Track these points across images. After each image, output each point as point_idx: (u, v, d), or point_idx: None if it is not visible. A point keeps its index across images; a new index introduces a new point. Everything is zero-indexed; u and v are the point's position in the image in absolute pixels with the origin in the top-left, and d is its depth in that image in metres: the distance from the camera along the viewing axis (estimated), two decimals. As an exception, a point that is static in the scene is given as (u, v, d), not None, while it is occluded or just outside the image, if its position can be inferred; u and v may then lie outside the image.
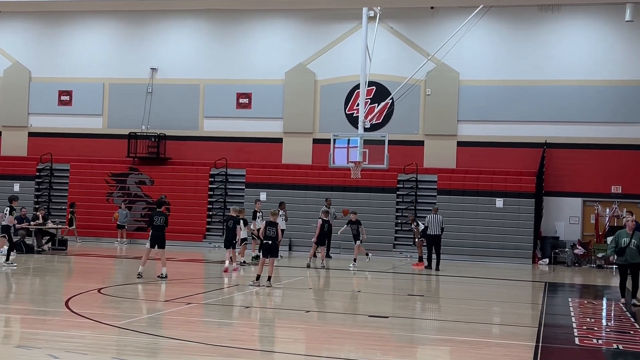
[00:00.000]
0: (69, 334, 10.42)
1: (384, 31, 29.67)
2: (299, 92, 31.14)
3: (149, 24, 32.72)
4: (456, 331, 12.15)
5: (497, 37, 30.05)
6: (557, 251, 28.03)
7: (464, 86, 29.87)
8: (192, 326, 11.73)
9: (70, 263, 22.14)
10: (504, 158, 29.30)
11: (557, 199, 28.90)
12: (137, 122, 32.32)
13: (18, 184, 31.93)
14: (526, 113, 29.27)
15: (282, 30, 31.82)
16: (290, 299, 15.89)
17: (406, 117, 30.06)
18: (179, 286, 16.90)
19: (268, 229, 16.47)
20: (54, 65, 33.40)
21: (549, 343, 11.11)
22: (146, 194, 31.31)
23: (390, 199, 29.34)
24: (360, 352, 10.28)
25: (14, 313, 12.66)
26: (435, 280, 20.97)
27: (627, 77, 28.58)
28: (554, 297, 17.76)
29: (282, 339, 11.15)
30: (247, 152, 31.38)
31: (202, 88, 32.18)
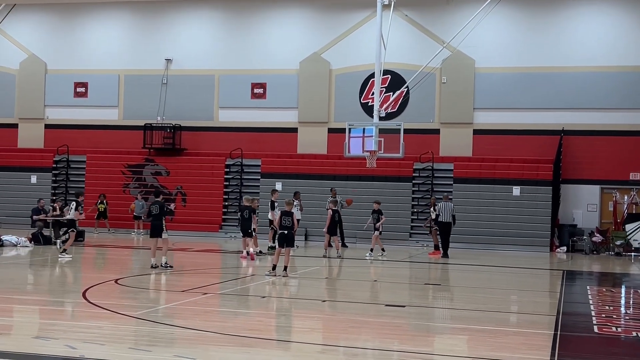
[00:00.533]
0: (87, 324, 10.46)
1: (399, 19, 29.49)
2: (313, 81, 31.06)
3: (164, 15, 32.72)
4: (473, 320, 12.08)
5: (512, 23, 29.81)
6: (574, 239, 27.85)
7: (480, 74, 29.67)
8: (209, 316, 11.73)
9: (88, 254, 22.23)
10: (520, 145, 29.11)
11: (575, 186, 28.69)
12: (153, 113, 32.37)
13: (35, 175, 32.12)
14: (543, 100, 29.05)
15: (297, 19, 31.72)
16: (307, 289, 15.87)
17: (422, 106, 29.92)
18: (196, 276, 16.92)
19: (283, 219, 16.48)
20: (69, 57, 33.50)
21: (568, 331, 11.02)
22: (162, 184, 31.36)
23: (406, 188, 29.25)
24: (377, 341, 10.24)
25: (32, 304, 12.72)
26: (452, 269, 20.90)
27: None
28: (572, 285, 17.64)
29: (298, 329, 11.13)
30: (262, 142, 31.36)
31: (217, 78, 32.17)
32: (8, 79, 34.14)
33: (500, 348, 9.81)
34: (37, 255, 20.45)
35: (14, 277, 16.48)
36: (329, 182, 29.24)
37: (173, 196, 31.14)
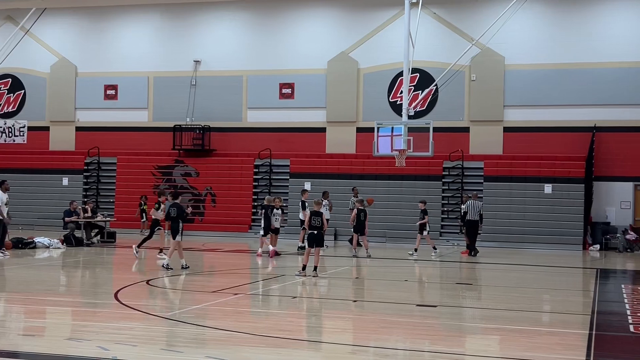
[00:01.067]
0: (119, 325, 10.50)
1: (427, 17, 29.32)
2: (341, 80, 31.00)
3: (192, 17, 32.86)
4: (507, 319, 11.95)
5: (542, 19, 29.50)
6: (608, 237, 27.48)
7: (510, 70, 29.41)
8: (240, 317, 11.73)
9: (119, 255, 22.37)
10: (552, 143, 28.80)
11: (608, 183, 28.32)
12: (182, 114, 32.53)
13: (67, 178, 32.43)
14: (574, 96, 28.71)
15: (324, 19, 31.69)
16: (337, 289, 15.83)
17: (451, 104, 29.71)
18: (226, 277, 16.95)
19: (313, 219, 16.50)
20: (99, 60, 33.78)
21: (603, 331, 10.86)
22: (192, 185, 31.52)
23: (436, 187, 29.07)
24: (408, 342, 10.17)
25: (65, 305, 12.80)
26: (484, 268, 20.72)
27: (679, 58, 27.85)
28: (606, 284, 17.39)
29: (329, 329, 11.09)
30: (290, 142, 31.36)
31: (245, 79, 32.23)
32: (39, 82, 34.51)
33: (534, 348, 9.68)
34: (69, 257, 20.63)
35: (47, 279, 16.63)
36: (357, 181, 29.16)
37: (203, 197, 31.29)
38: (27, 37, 33.31)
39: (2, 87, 34.98)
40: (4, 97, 35.00)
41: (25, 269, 18.09)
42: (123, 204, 31.56)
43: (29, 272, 17.75)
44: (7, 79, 34.80)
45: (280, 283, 16.05)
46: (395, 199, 28.94)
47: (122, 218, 29.80)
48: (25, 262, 19.29)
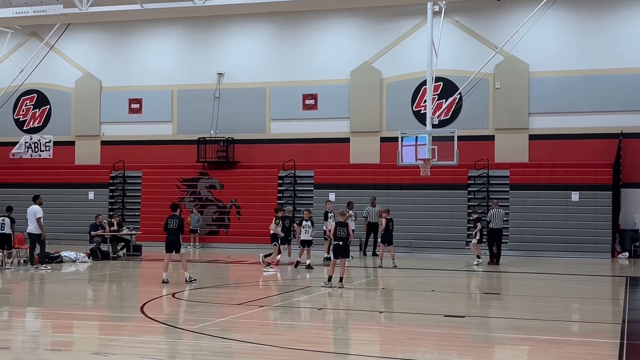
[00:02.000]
0: (145, 339, 10.49)
1: (450, 25, 29.20)
2: (364, 90, 30.95)
3: (214, 30, 33.01)
4: (535, 329, 11.78)
5: (566, 25, 29.26)
6: (637, 244, 27.10)
7: (535, 78, 29.18)
8: (266, 329, 11.68)
9: (145, 268, 22.44)
10: (578, 150, 28.50)
11: (636, 190, 27.94)
12: (206, 127, 32.65)
13: (92, 192, 32.64)
14: (600, 103, 28.41)
15: (346, 29, 31.68)
16: (363, 300, 15.73)
17: (475, 112, 29.53)
18: (252, 289, 16.92)
19: (338, 230, 16.45)
20: (123, 74, 34.04)
21: (634, 340, 10.67)
22: (217, 198, 31.59)
23: (461, 196, 28.87)
24: (436, 353, 10.05)
25: (91, 319, 12.84)
26: (511, 278, 20.51)
27: None
28: (637, 292, 17.13)
29: (356, 341, 10.99)
30: (314, 153, 31.34)
31: (268, 91, 32.29)
32: (64, 97, 34.83)
33: (564, 358, 9.53)
34: (95, 271, 20.72)
35: (73, 293, 16.70)
36: (382, 191, 29.07)
37: (227, 209, 31.33)
38: (52, 52, 33.64)
39: (27, 102, 35.33)
40: (29, 112, 35.35)
41: (52, 284, 18.18)
42: (148, 217, 31.67)
43: (56, 286, 17.84)
44: (33, 94, 35.15)
45: (306, 295, 15.98)
46: (421, 208, 28.77)
47: (147, 231, 29.89)
48: (52, 276, 19.39)
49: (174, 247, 17.29)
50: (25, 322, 12.29)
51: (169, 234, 17.33)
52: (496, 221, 22.84)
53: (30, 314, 13.17)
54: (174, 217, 17.48)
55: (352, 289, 16.74)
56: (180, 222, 17.43)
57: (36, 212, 20.51)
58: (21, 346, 10.33)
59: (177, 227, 17.31)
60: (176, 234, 17.30)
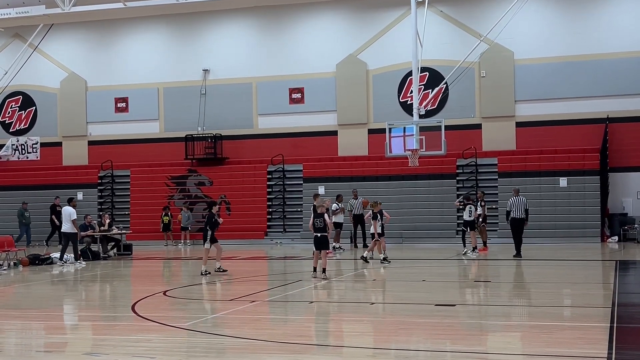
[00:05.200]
0: (136, 338, 10.48)
1: (434, 15, 29.23)
2: (351, 83, 30.96)
3: (198, 26, 32.92)
4: (526, 316, 11.84)
5: (550, 12, 29.34)
6: (626, 228, 27.27)
7: (520, 65, 29.26)
8: (258, 324, 11.68)
9: (136, 267, 22.41)
10: (565, 136, 28.62)
11: (623, 174, 28.11)
12: (193, 124, 32.58)
13: (81, 192, 32.54)
14: (586, 88, 28.53)
15: (331, 22, 31.66)
16: (355, 292, 15.76)
17: (462, 101, 29.60)
18: (243, 284, 16.92)
19: (316, 221, 16.76)
20: (108, 74, 33.92)
21: (624, 323, 10.73)
22: (206, 194, 31.55)
23: (450, 185, 28.96)
24: (428, 342, 10.08)
25: (82, 320, 12.81)
26: (501, 265, 20.58)
27: (690, 44, 27.62)
28: (626, 276, 17.22)
29: (349, 333, 11.01)
30: (302, 147, 31.34)
31: (254, 86, 32.25)
32: (50, 98, 34.68)
33: (556, 344, 9.58)
34: (86, 271, 20.67)
35: (64, 294, 16.66)
36: (371, 183, 29.13)
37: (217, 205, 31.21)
38: (35, 53, 33.50)
39: (13, 104, 35.18)
40: (15, 114, 35.20)
41: (43, 285, 18.12)
42: (138, 215, 31.64)
43: (47, 288, 17.79)
44: (18, 96, 35.00)
45: (297, 288, 15.99)
46: (410, 199, 28.86)
47: (137, 230, 29.87)
48: (42, 278, 19.33)
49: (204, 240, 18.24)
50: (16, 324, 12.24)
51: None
52: (519, 210, 21.35)
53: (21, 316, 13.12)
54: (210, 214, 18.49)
55: (343, 281, 16.76)
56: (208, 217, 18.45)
57: (71, 213, 21.91)
58: (14, 348, 10.30)
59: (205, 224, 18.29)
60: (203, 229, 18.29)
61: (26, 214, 30.21)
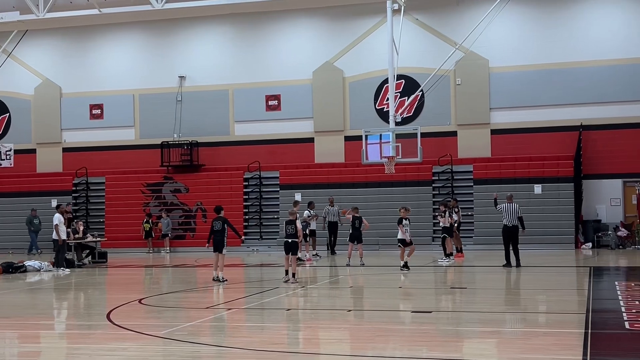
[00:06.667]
0: (111, 346, 10.40)
1: (410, 23, 29.36)
2: (327, 90, 31.01)
3: (174, 33, 32.82)
4: (503, 322, 11.91)
5: (524, 21, 29.61)
6: (599, 234, 27.54)
7: (495, 73, 29.49)
8: (234, 332, 11.65)
9: (111, 275, 22.24)
10: (539, 143, 28.86)
11: (597, 181, 28.40)
12: (169, 130, 32.45)
13: (55, 199, 32.16)
14: (559, 96, 28.81)
15: (307, 29, 31.72)
16: (332, 299, 15.76)
17: (437, 109, 29.75)
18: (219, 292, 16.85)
19: (287, 227, 17.36)
20: (83, 80, 33.69)
21: (599, 329, 10.83)
22: (182, 201, 31.42)
23: (426, 192, 29.07)
24: (405, 349, 10.11)
25: (57, 329, 12.69)
26: (478, 271, 20.68)
27: (661, 53, 28.01)
28: (600, 282, 17.38)
29: (325, 340, 11.01)
30: (279, 154, 31.32)
31: (231, 93, 32.20)
32: (24, 105, 34.37)
33: (531, 350, 9.64)
34: (60, 279, 20.48)
35: (39, 303, 16.50)
36: (348, 190, 29.18)
37: (193, 213, 31.18)
38: (9, 59, 33.17)
39: (-14, 111, 34.82)
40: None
41: (16, 294, 17.93)
42: (113, 223, 31.42)
43: (20, 296, 17.60)
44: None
45: (274, 296, 15.96)
46: (387, 206, 28.86)
47: (113, 237, 29.66)
48: (16, 286, 19.13)
49: (219, 247, 17.95)
50: (-11, 333, 12.10)
51: (215, 235, 18.03)
52: (511, 217, 20.41)
53: (-6, 326, 12.97)
54: (219, 218, 18.12)
55: (320, 288, 16.76)
56: (224, 222, 18.06)
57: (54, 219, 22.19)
58: (-14, 358, 10.18)
59: (221, 229, 17.94)
60: (219, 234, 17.92)
61: (35, 221, 29.83)
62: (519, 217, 20.47)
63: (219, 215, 18.22)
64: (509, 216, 20.38)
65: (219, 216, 18.21)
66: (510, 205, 20.50)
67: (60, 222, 22.17)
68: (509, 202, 20.62)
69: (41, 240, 29.57)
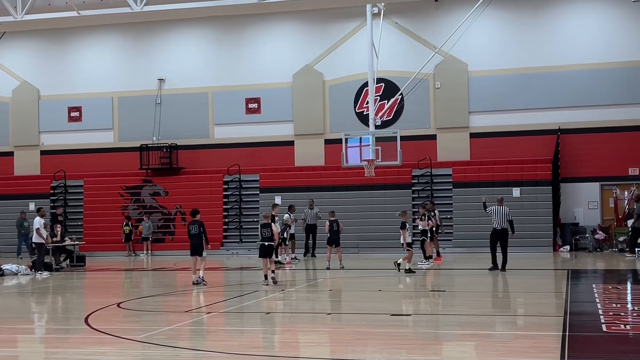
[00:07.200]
0: (89, 351, 10.34)
1: (389, 27, 29.48)
2: (307, 93, 31.02)
3: (154, 36, 32.70)
4: (481, 325, 11.98)
5: (503, 25, 29.80)
6: (577, 237, 27.73)
7: (474, 77, 29.64)
8: (213, 336, 11.62)
9: (89, 279, 22.10)
10: (518, 147, 29.04)
11: (575, 184, 28.61)
12: (148, 133, 32.30)
13: (33, 202, 31.90)
14: (538, 100, 29.01)
15: (287, 32, 31.71)
16: (311, 302, 15.77)
17: (417, 112, 29.86)
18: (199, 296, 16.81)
19: (263, 231, 17.61)
20: (61, 82, 33.46)
21: (576, 331, 10.91)
22: (161, 204, 31.29)
23: (405, 195, 29.14)
24: (384, 352, 10.13)
25: (35, 333, 12.59)
26: (457, 275, 20.78)
27: (637, 58, 28.29)
28: (578, 284, 17.53)
29: (305, 343, 11.01)
30: (259, 157, 31.28)
31: (210, 96, 32.12)
32: (1, 107, 34.06)
33: (509, 352, 9.71)
34: (38, 283, 20.32)
35: (16, 306, 16.36)
36: (328, 193, 29.18)
37: (173, 216, 31.05)
38: (-14, 62, 32.91)
39: (-37, 113, 34.47)
40: (-35, 123, 34.49)
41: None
42: (91, 226, 31.23)
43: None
44: (-31, 105, 34.32)
45: (253, 299, 15.94)
46: (367, 209, 28.97)
47: (91, 241, 29.47)
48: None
49: (196, 250, 17.91)
50: (-35, 338, 11.98)
51: (191, 238, 17.97)
52: (500, 220, 20.16)
53: (-29, 330, 12.85)
54: (195, 222, 18.07)
55: (300, 291, 16.75)
56: (200, 225, 17.99)
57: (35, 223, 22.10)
58: (-38, 363, 10.09)
59: (198, 232, 17.91)
60: (199, 238, 17.91)
61: (25, 223, 29.53)
62: (509, 220, 20.27)
63: (195, 219, 18.21)
64: (498, 219, 20.18)
65: (195, 219, 18.19)
66: (500, 208, 20.32)
67: (41, 225, 22.01)
68: (499, 205, 20.45)
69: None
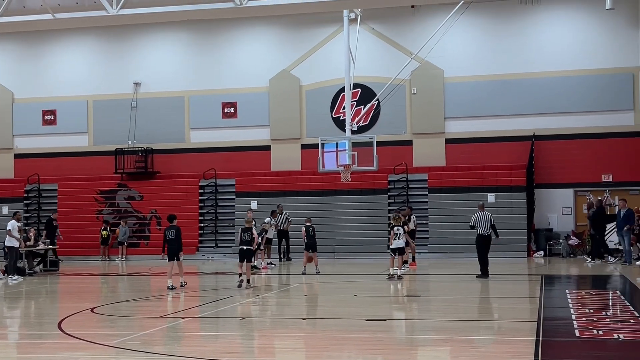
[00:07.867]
0: (63, 356, 10.25)
1: (366, 32, 29.59)
2: (284, 98, 31.02)
3: (130, 39, 32.53)
4: (456, 330, 12.03)
5: (479, 32, 30.01)
6: (551, 243, 27.97)
7: (449, 83, 29.81)
8: (188, 341, 11.57)
9: (63, 284, 21.91)
10: (493, 153, 29.24)
11: (549, 190, 28.85)
12: (123, 137, 32.12)
13: (6, 206, 31.65)
14: (513, 106, 29.23)
15: (264, 37, 31.70)
16: (287, 307, 15.74)
17: (393, 118, 29.97)
18: (174, 300, 16.72)
19: (243, 235, 17.78)
20: (36, 85, 33.19)
21: (549, 337, 11.00)
22: (136, 209, 31.12)
23: (381, 201, 29.22)
24: (360, 357, 10.14)
25: (6, 338, 12.45)
26: (432, 280, 20.85)
27: (611, 65, 28.61)
28: (552, 290, 17.66)
29: (280, 349, 11.00)
30: (235, 162, 31.21)
31: (186, 100, 32.02)
32: (-25, 110, 33.71)
33: (483, 357, 9.76)
34: (10, 287, 20.10)
35: (-12, 311, 16.16)
36: (304, 198, 29.19)
37: (148, 220, 30.89)
38: (-40, 64, 32.55)
39: None
40: (-62, 126, 34.07)
41: (-35, 303, 17.55)
42: (65, 230, 30.90)
43: (-31, 305, 17.23)
44: (-59, 107, 33.91)
45: (229, 304, 15.89)
46: (343, 214, 29.00)
47: (65, 245, 29.20)
48: (-36, 295, 18.72)
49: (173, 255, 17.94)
50: (-64, 344, 11.83)
51: (168, 244, 17.98)
52: (484, 226, 19.90)
53: (-59, 336, 12.69)
54: (172, 227, 18.05)
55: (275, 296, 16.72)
56: (177, 231, 18.00)
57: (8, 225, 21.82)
58: None
59: (175, 237, 17.91)
60: (176, 243, 17.92)
61: None
62: (492, 225, 20.08)
63: (172, 224, 18.18)
64: (483, 225, 19.95)
65: (172, 225, 18.16)
66: (483, 213, 20.12)
67: (14, 228, 21.75)
68: (481, 210, 20.26)
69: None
